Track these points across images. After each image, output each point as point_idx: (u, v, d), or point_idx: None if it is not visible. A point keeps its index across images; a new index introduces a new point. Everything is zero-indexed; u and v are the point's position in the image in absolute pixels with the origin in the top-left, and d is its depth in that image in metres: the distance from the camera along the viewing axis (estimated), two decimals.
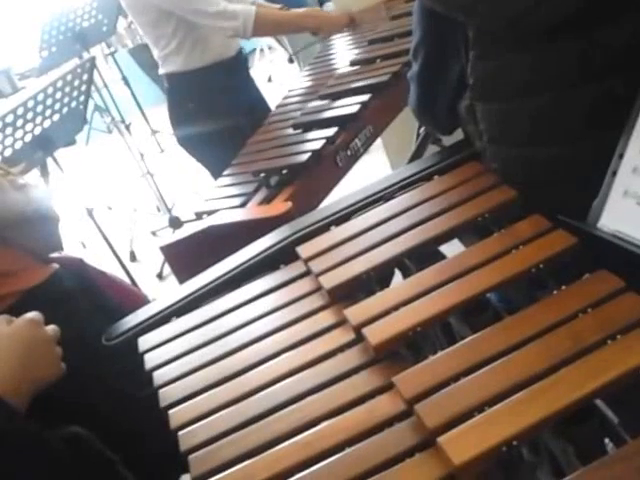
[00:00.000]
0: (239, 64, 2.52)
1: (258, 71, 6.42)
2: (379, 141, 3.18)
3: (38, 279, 1.40)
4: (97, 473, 1.12)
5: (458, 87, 1.23)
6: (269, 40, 6.11)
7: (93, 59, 2.63)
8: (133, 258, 4.04)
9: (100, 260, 3.00)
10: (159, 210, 4.28)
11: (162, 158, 5.30)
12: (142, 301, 1.35)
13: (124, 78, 4.72)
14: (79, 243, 4.30)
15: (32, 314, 1.07)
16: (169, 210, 3.91)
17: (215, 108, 2.35)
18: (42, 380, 1.03)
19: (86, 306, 1.46)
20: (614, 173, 0.93)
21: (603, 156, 0.97)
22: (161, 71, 2.48)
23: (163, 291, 3.47)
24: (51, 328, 1.08)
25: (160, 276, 3.74)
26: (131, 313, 1.32)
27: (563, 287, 0.93)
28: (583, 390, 0.76)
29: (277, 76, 6.02)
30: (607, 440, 0.81)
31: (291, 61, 4.66)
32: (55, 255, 1.49)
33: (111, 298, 1.53)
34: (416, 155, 2.14)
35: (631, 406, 0.79)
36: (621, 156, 0.92)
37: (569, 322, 0.86)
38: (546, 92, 1.09)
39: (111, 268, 2.79)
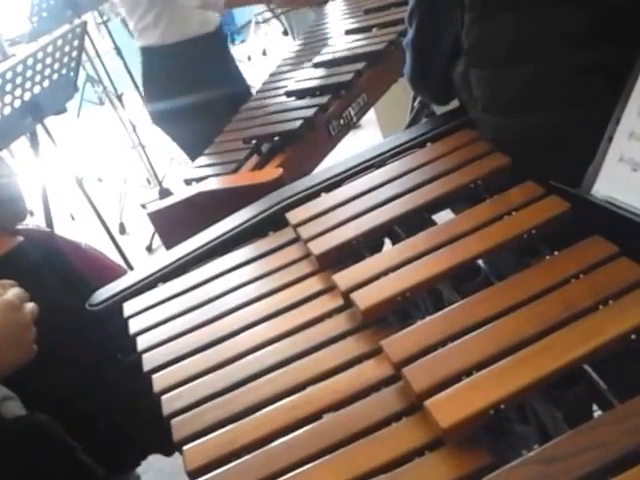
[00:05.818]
0: (218, 41, 2.49)
1: (253, 44, 6.36)
2: (373, 116, 3.15)
3: None
4: (58, 460, 1.10)
5: (453, 53, 1.21)
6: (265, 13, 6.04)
7: (84, 24, 2.57)
8: (122, 230, 4.01)
9: (89, 232, 2.98)
10: (150, 182, 4.24)
11: (154, 130, 5.23)
12: (120, 274, 1.32)
13: (117, 48, 4.63)
14: (68, 214, 4.27)
15: (12, 295, 0.99)
16: (160, 182, 3.87)
17: (190, 85, 2.32)
18: (11, 365, 0.98)
19: (52, 279, 1.44)
20: (610, 139, 0.91)
21: (594, 124, 0.95)
22: (137, 44, 2.45)
23: None
24: (30, 310, 1.00)
25: (149, 249, 3.71)
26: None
27: (556, 253, 0.91)
28: (572, 354, 0.75)
29: (272, 49, 5.96)
30: (595, 408, 0.80)
31: (286, 34, 4.61)
32: (23, 227, 1.46)
33: (82, 271, 1.51)
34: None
35: (620, 371, 0.78)
36: (618, 121, 0.90)
37: (561, 287, 0.84)
38: (535, 58, 1.08)
39: (100, 240, 2.79)
